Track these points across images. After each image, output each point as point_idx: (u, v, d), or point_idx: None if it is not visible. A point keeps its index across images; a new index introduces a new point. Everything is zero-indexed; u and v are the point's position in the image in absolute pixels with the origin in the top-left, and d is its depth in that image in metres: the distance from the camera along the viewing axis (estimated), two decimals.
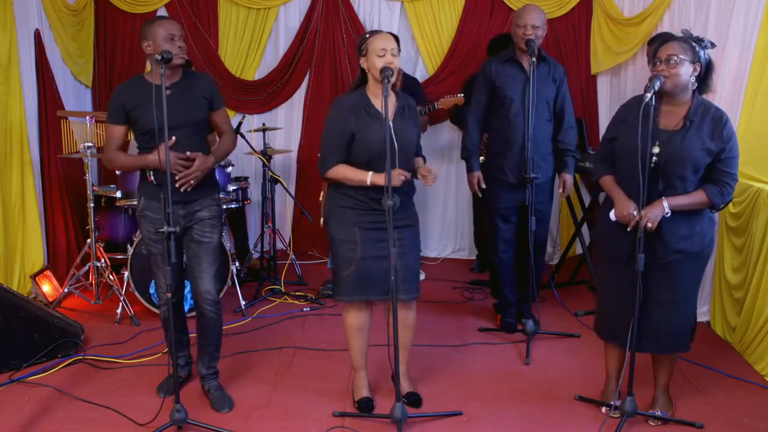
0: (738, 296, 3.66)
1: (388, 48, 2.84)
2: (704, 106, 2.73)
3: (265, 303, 4.51)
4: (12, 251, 4.36)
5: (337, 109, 2.95)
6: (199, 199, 3.06)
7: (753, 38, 3.65)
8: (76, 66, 5.12)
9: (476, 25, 5.28)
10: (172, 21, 3.04)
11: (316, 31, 5.43)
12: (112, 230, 4.55)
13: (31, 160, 4.53)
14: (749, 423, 2.95)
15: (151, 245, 3.10)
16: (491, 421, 3.00)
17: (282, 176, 5.16)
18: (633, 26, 4.73)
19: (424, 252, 5.60)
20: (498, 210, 3.90)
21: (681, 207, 2.71)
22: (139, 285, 4.10)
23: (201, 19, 5.38)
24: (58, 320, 3.65)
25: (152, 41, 2.91)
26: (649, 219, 2.66)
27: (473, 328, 4.08)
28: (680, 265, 2.78)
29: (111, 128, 3.03)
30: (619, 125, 2.88)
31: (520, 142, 3.74)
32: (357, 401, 3.11)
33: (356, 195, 2.93)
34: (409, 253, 3.03)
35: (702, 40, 2.72)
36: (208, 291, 3.07)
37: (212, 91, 3.10)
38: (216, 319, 3.13)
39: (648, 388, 3.07)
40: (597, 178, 2.97)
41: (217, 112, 3.13)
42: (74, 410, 3.08)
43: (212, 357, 3.19)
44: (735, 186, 2.74)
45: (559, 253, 5.31)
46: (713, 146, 2.68)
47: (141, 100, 2.90)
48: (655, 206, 2.69)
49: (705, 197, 2.70)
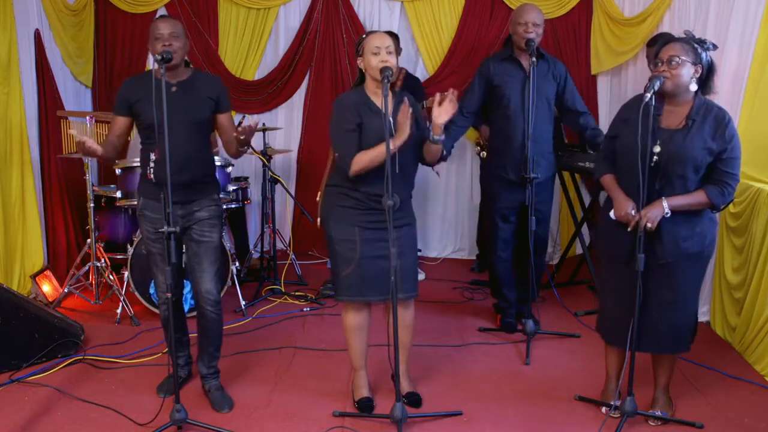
0: (738, 296, 3.66)
1: (383, 46, 2.84)
2: (707, 106, 2.73)
3: (265, 303, 4.51)
4: (12, 251, 4.36)
5: (341, 107, 2.95)
6: (198, 200, 3.06)
7: (753, 38, 3.65)
8: (76, 66, 5.12)
9: (476, 25, 5.28)
10: (166, 20, 3.02)
11: (316, 31, 5.43)
12: (112, 230, 4.55)
13: (31, 160, 4.53)
14: (749, 423, 2.95)
15: (150, 245, 3.10)
16: (491, 421, 3.00)
17: (282, 176, 5.16)
18: (633, 26, 4.73)
19: (424, 252, 5.61)
20: (498, 209, 3.90)
21: (681, 207, 2.70)
22: (139, 285, 4.09)
23: (201, 19, 5.38)
24: (58, 320, 3.65)
25: (149, 41, 2.97)
26: (648, 219, 2.66)
27: (473, 328, 4.08)
28: (680, 266, 2.78)
29: (115, 118, 3.07)
30: (620, 124, 2.88)
31: (520, 140, 3.74)
32: (357, 401, 3.11)
33: (356, 194, 2.93)
34: (408, 252, 3.03)
35: (704, 42, 2.72)
36: (209, 291, 3.07)
37: (220, 93, 3.08)
38: (217, 320, 3.13)
39: (648, 388, 3.07)
40: (598, 176, 2.97)
41: (223, 115, 3.11)
42: (74, 410, 3.08)
43: (212, 357, 3.19)
44: (736, 186, 2.73)
45: (559, 253, 5.30)
46: (714, 146, 2.68)
47: (144, 94, 2.90)
48: (655, 206, 2.68)
49: (705, 198, 2.70)
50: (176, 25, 2.99)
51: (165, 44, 2.90)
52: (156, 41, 2.93)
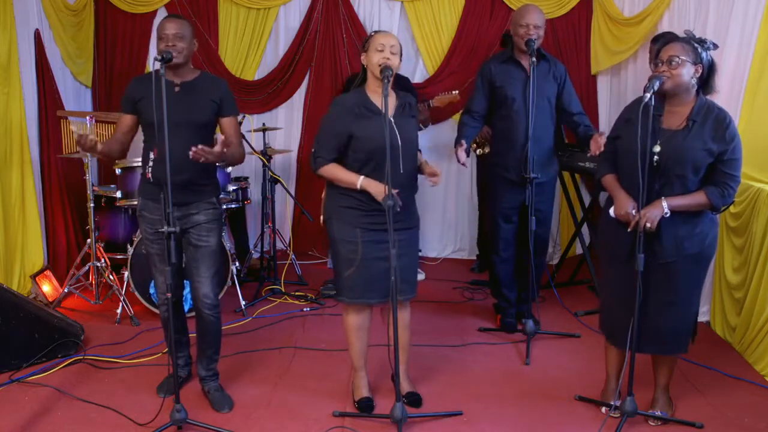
0: (738, 296, 3.66)
1: (387, 44, 2.85)
2: (708, 107, 2.72)
3: (265, 303, 4.51)
4: (12, 251, 4.36)
5: (337, 109, 2.95)
6: (195, 202, 3.04)
7: (752, 38, 3.64)
8: (75, 66, 5.12)
9: (476, 25, 5.28)
10: (173, 20, 2.98)
11: (316, 31, 5.43)
12: (112, 230, 4.55)
13: (31, 160, 4.53)
14: (749, 423, 2.95)
15: (149, 245, 3.10)
16: (491, 421, 3.00)
17: (282, 176, 5.16)
18: (633, 26, 4.73)
19: (424, 252, 5.60)
20: (500, 209, 3.91)
21: (680, 208, 2.70)
22: (139, 285, 4.09)
23: (201, 19, 5.38)
24: (58, 320, 3.65)
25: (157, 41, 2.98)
26: (648, 219, 2.66)
27: (473, 328, 4.08)
28: (680, 266, 2.77)
29: (121, 116, 3.09)
30: (622, 125, 2.88)
31: (522, 140, 3.74)
32: (357, 401, 3.11)
33: (358, 195, 2.93)
34: (408, 255, 3.03)
35: (705, 41, 2.72)
36: (206, 295, 3.07)
37: (224, 95, 3.06)
38: (215, 323, 3.12)
39: (648, 388, 3.07)
40: (599, 176, 2.97)
41: (226, 118, 3.09)
42: (74, 410, 3.08)
43: (211, 359, 3.19)
44: (737, 188, 2.73)
45: (559, 253, 5.30)
46: (715, 147, 2.67)
47: (146, 93, 2.90)
48: (655, 206, 2.68)
49: (705, 198, 2.69)
50: (183, 25, 2.96)
51: (168, 44, 2.90)
52: (160, 41, 2.94)
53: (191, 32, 3.00)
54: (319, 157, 2.95)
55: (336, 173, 2.93)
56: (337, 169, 2.93)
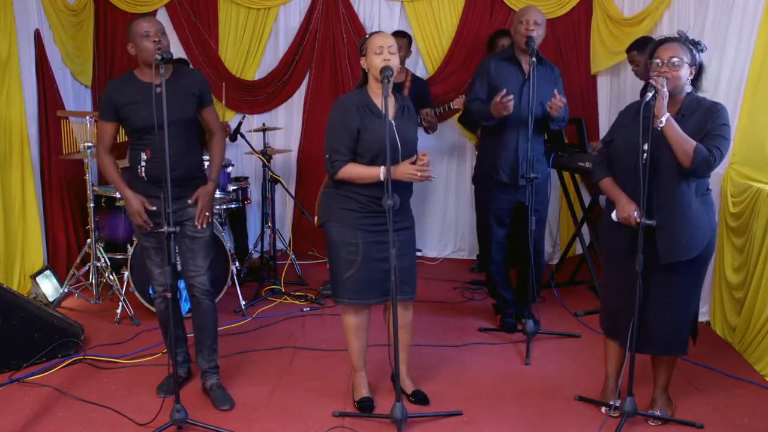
0: (738, 296, 3.66)
1: (385, 45, 2.84)
2: (698, 101, 2.75)
3: (265, 303, 4.51)
4: (12, 251, 4.36)
5: (341, 107, 2.94)
6: (190, 195, 3.07)
7: (752, 38, 3.64)
8: (75, 66, 5.11)
9: (476, 26, 5.28)
10: (149, 18, 3.05)
11: (316, 31, 5.42)
12: (112, 230, 4.55)
13: (31, 160, 4.53)
14: (749, 423, 2.95)
15: (142, 239, 3.13)
16: (491, 421, 3.00)
17: (282, 176, 5.15)
18: (632, 26, 4.73)
19: (424, 252, 5.60)
20: (492, 211, 3.91)
21: (675, 133, 2.63)
22: (139, 285, 4.09)
23: (201, 19, 5.37)
24: (58, 320, 3.65)
25: (132, 42, 2.97)
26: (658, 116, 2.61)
27: (473, 328, 4.08)
28: (678, 268, 2.78)
29: (102, 125, 3.06)
30: (616, 128, 2.92)
31: (513, 141, 3.75)
32: (357, 401, 3.11)
33: (358, 197, 2.93)
34: (407, 255, 3.03)
35: (698, 43, 2.75)
36: (203, 282, 3.12)
37: (202, 86, 3.10)
38: (211, 307, 3.16)
39: (648, 388, 3.07)
40: (596, 180, 2.98)
41: (206, 108, 3.13)
42: (74, 410, 3.08)
43: (212, 350, 3.20)
44: (725, 152, 2.69)
45: (559, 253, 5.30)
46: (702, 131, 2.67)
47: (131, 98, 2.91)
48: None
49: (693, 147, 2.63)
50: (159, 22, 3.01)
51: (155, 40, 2.91)
52: (144, 38, 2.92)
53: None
54: (336, 161, 2.89)
55: (356, 171, 2.88)
56: (356, 167, 2.89)
